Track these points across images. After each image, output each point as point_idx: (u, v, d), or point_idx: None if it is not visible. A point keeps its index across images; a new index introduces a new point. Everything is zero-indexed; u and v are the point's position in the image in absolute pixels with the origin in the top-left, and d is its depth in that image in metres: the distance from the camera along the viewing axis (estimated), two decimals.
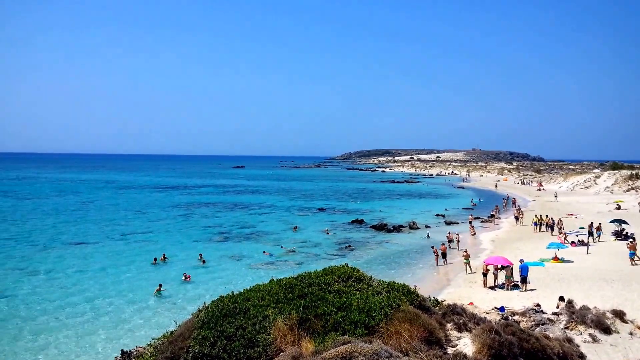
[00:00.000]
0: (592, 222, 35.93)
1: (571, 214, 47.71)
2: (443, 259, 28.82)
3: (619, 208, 50.62)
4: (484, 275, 22.89)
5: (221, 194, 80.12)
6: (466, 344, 8.91)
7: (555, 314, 14.55)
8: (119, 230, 41.30)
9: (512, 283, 22.14)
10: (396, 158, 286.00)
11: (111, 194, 76.84)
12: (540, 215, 42.13)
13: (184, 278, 25.21)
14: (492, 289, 22.29)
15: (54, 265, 28.19)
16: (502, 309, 16.07)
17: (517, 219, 45.06)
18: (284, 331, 8.37)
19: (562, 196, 66.78)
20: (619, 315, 13.79)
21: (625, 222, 35.96)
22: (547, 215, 41.68)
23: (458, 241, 34.13)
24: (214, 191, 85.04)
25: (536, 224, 40.18)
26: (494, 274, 22.95)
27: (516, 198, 65.42)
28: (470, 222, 42.77)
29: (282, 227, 43.95)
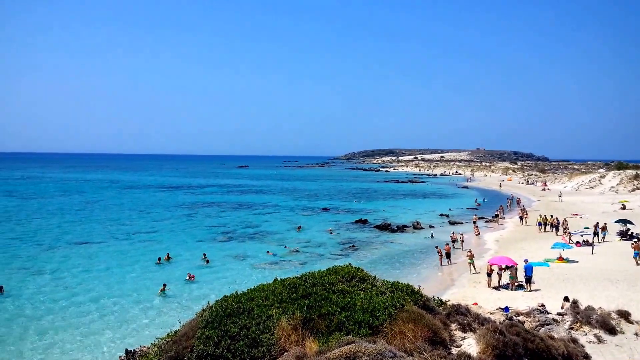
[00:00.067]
0: (597, 222, 35.79)
1: (576, 214, 47.50)
2: (447, 259, 28.76)
3: (624, 208, 50.39)
4: (488, 275, 22.85)
5: (225, 193, 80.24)
6: (470, 344, 8.90)
7: (560, 314, 14.50)
8: (123, 230, 41.45)
9: (516, 283, 22.09)
10: (400, 158, 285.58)
11: (115, 193, 77.11)
12: (545, 215, 41.99)
13: (188, 278, 25.28)
14: (496, 289, 22.24)
15: (59, 265, 28.33)
16: (506, 309, 16.02)
17: (521, 219, 44.93)
18: (287, 331, 8.38)
19: (566, 196, 66.51)
20: (624, 315, 13.73)
21: (630, 222, 35.83)
22: (552, 215, 41.55)
23: (462, 241, 34.06)
24: (218, 191, 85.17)
25: (541, 224, 40.09)
26: (498, 274, 22.90)
27: (521, 198, 65.24)
28: (475, 222, 42.70)
29: (286, 227, 43.98)
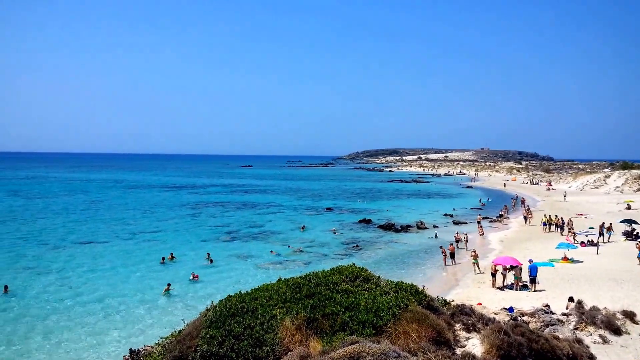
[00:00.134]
0: (603, 222, 35.61)
1: (581, 214, 47.26)
2: (451, 259, 28.71)
3: (629, 208, 50.09)
4: (493, 275, 22.77)
5: (229, 193, 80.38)
6: (475, 345, 8.87)
7: (564, 314, 14.45)
8: (128, 229, 41.61)
9: (520, 283, 22.00)
10: (404, 158, 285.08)
11: (120, 193, 77.40)
12: (550, 215, 41.82)
13: (192, 277, 25.35)
14: (500, 289, 22.17)
15: (64, 265, 28.47)
16: (511, 309, 15.97)
17: (526, 219, 44.78)
18: (291, 331, 8.39)
19: (571, 196, 66.22)
20: (630, 316, 13.67)
21: (635, 222, 35.61)
22: (557, 216, 41.38)
23: (466, 241, 33.98)
24: (222, 191, 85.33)
25: (545, 224, 39.93)
26: (502, 274, 22.81)
27: (525, 198, 65.00)
28: (479, 222, 42.55)
29: (289, 227, 44.02)
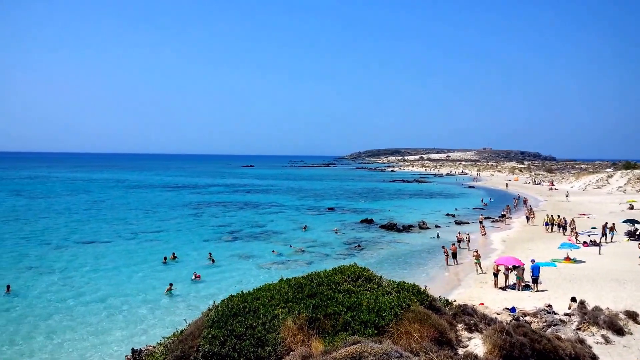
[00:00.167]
0: (605, 222, 35.54)
1: (583, 214, 47.19)
2: (453, 259, 28.69)
3: (632, 208, 49.97)
4: (495, 275, 22.75)
5: (231, 193, 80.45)
6: (477, 345, 8.86)
7: (567, 314, 14.43)
8: (130, 229, 41.69)
9: (523, 283, 21.97)
10: (406, 157, 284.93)
11: (122, 193, 77.53)
12: (552, 215, 41.75)
13: (194, 277, 25.39)
14: (503, 289, 22.15)
15: (66, 264, 28.55)
16: (513, 309, 15.96)
17: (528, 219, 44.72)
18: (293, 330, 8.39)
19: (574, 196, 66.07)
20: (632, 316, 13.65)
21: (638, 222, 35.52)
22: (559, 216, 41.31)
23: (468, 241, 33.96)
24: (224, 190, 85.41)
25: (548, 224, 39.87)
26: (505, 274, 22.79)
27: (527, 198, 64.84)
28: (481, 222, 42.50)
29: (291, 227, 44.04)
